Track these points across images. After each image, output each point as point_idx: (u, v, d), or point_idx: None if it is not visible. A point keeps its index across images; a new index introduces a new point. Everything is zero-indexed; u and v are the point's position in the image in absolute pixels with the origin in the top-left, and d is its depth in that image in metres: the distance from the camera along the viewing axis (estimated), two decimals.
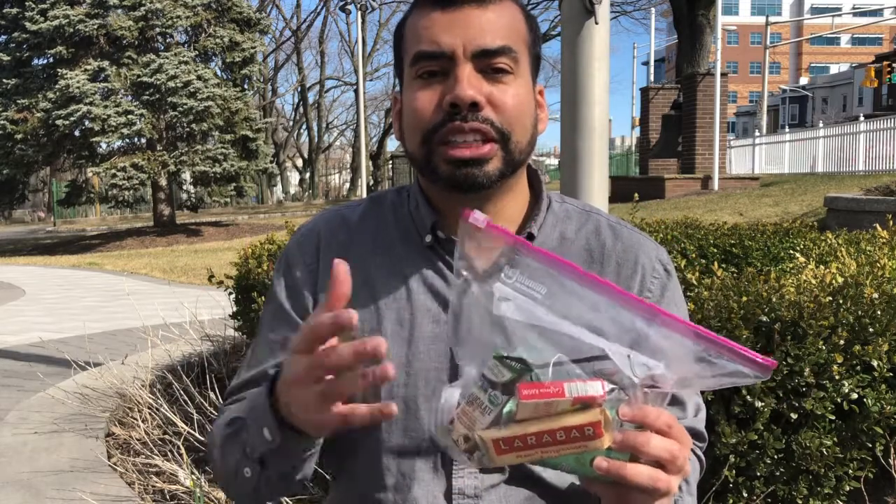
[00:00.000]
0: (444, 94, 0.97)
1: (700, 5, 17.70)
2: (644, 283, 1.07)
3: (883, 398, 2.30)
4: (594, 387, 0.72)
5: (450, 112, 0.96)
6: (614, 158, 31.05)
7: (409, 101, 1.01)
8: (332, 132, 52.85)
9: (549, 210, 1.10)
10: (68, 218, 31.68)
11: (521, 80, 1.01)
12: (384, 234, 1.09)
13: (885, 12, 53.68)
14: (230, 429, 0.98)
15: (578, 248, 1.07)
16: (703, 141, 16.13)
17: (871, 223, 4.79)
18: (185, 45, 19.88)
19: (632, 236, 1.10)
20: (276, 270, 1.14)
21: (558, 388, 0.72)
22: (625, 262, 1.07)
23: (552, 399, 0.72)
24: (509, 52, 0.98)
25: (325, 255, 1.07)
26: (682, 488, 1.01)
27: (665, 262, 1.10)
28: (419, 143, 1.00)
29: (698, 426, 1.09)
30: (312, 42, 46.52)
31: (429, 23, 0.99)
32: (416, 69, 1.00)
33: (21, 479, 3.45)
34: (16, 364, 5.69)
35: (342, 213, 1.13)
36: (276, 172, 37.42)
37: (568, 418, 0.73)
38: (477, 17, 0.98)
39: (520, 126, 1.00)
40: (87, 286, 10.95)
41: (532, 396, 0.72)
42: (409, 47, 1.02)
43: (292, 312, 1.08)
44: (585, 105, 2.98)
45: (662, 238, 3.91)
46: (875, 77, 32.83)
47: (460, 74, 0.96)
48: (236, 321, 4.32)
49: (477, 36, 0.97)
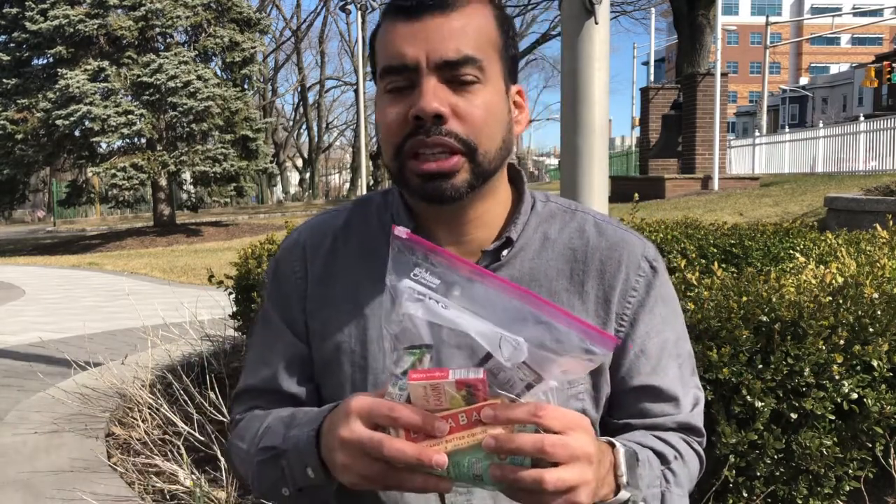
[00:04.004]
0: (411, 106, 0.96)
1: (700, 5, 17.69)
2: (628, 282, 1.06)
3: (883, 398, 2.30)
4: (476, 372, 0.78)
5: (415, 125, 0.96)
6: (614, 158, 31.04)
7: (380, 115, 1.01)
8: (332, 132, 52.89)
9: (532, 211, 1.09)
10: (68, 218, 31.69)
11: (490, 86, 0.99)
12: (369, 238, 1.10)
13: (885, 12, 53.66)
14: (266, 454, 1.00)
15: (561, 247, 1.07)
16: (703, 141, 16.13)
17: (871, 223, 4.79)
18: (185, 45, 19.87)
19: (616, 233, 1.09)
20: (265, 280, 1.17)
21: (444, 372, 0.78)
22: (609, 259, 1.06)
23: (438, 381, 0.77)
24: (473, 62, 0.97)
25: (312, 264, 1.10)
26: (668, 479, 1.01)
27: (651, 258, 1.09)
28: (391, 156, 1.01)
29: (693, 421, 1.09)
30: (312, 42, 46.56)
31: (393, 35, 0.98)
32: (385, 84, 1.00)
33: (21, 479, 3.45)
34: (16, 364, 5.69)
35: (326, 222, 1.14)
36: (276, 172, 37.41)
37: (459, 405, 0.78)
38: (439, 26, 0.97)
39: (487, 136, 0.98)
40: (87, 286, 10.95)
41: (419, 379, 0.78)
42: (378, 60, 1.02)
43: (282, 323, 1.11)
44: (585, 105, 2.98)
45: (662, 238, 3.91)
46: (875, 77, 32.81)
47: (424, 86, 0.95)
48: (236, 321, 4.32)
49: (439, 47, 0.96)
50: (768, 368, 2.26)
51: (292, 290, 1.11)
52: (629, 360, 1.06)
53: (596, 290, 1.05)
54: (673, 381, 1.07)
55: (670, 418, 1.07)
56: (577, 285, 1.05)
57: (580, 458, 0.79)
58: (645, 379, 1.06)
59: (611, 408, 1.08)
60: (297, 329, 1.10)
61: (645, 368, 1.06)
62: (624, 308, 1.05)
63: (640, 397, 1.06)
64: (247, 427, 1.09)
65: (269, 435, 1.02)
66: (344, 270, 1.09)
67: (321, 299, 1.09)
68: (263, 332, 1.15)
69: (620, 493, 0.89)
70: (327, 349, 1.07)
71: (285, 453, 0.96)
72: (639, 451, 0.96)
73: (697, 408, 1.10)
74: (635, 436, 1.03)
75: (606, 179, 3.11)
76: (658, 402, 1.06)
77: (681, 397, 1.07)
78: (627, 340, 1.06)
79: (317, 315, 1.08)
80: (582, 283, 1.05)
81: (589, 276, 1.05)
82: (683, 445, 1.07)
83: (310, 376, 1.10)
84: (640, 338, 1.06)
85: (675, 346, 1.09)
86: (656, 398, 1.06)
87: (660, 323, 1.07)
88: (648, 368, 1.06)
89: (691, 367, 1.12)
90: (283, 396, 1.10)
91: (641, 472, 0.94)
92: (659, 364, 1.06)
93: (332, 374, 1.07)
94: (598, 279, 1.05)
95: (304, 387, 1.10)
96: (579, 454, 0.79)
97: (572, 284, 1.05)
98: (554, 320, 0.79)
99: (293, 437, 0.96)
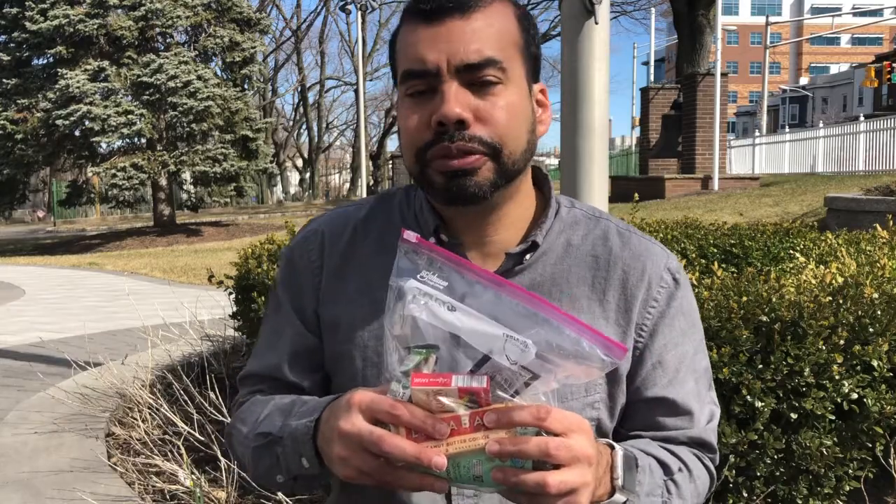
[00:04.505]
0: (433, 112, 0.95)
1: (700, 5, 17.69)
2: (650, 292, 1.05)
3: (883, 398, 2.30)
4: (480, 380, 0.77)
5: (438, 130, 0.95)
6: (614, 158, 31.02)
7: (402, 119, 1.01)
8: (332, 132, 52.91)
9: (556, 216, 1.08)
10: (68, 218, 31.70)
11: (514, 87, 0.99)
12: (389, 234, 1.08)
13: (885, 12, 53.66)
14: (262, 440, 1.00)
15: (584, 254, 1.06)
16: (703, 141, 16.13)
17: (871, 223, 4.79)
18: (185, 45, 19.88)
19: (641, 243, 1.08)
20: (279, 267, 1.16)
21: (447, 378, 0.77)
22: (632, 269, 1.05)
23: (440, 388, 0.77)
24: (495, 63, 0.96)
25: (329, 256, 1.09)
26: (670, 490, 1.00)
27: (674, 270, 1.08)
28: (413, 160, 1.00)
29: (706, 436, 1.08)
30: (312, 42, 46.55)
31: (414, 38, 0.98)
32: (405, 88, 0.99)
33: (21, 479, 3.45)
34: (16, 364, 5.69)
35: (347, 214, 1.13)
36: (276, 172, 37.44)
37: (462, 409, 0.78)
38: (460, 29, 0.96)
39: (511, 137, 0.98)
40: (87, 286, 10.95)
41: (422, 384, 0.77)
42: (399, 64, 1.01)
43: (291, 311, 1.10)
44: (585, 105, 2.98)
45: (662, 238, 3.92)
46: (875, 77, 32.82)
47: (446, 92, 0.95)
48: (236, 321, 4.32)
49: (460, 50, 0.95)
50: (768, 368, 2.26)
51: (307, 278, 1.10)
52: (646, 370, 1.05)
53: (617, 300, 1.04)
54: (689, 395, 1.06)
55: (683, 432, 1.06)
56: (599, 293, 1.04)
57: (581, 460, 0.79)
58: (660, 391, 1.05)
59: (623, 418, 1.07)
60: (307, 319, 1.09)
61: (661, 380, 1.05)
62: (644, 318, 1.04)
63: (654, 409, 1.05)
64: (248, 410, 1.08)
65: (267, 421, 1.02)
66: (361, 264, 1.08)
67: (336, 291, 1.08)
68: (273, 318, 1.14)
69: (615, 496, 0.89)
70: (340, 342, 1.06)
71: (281, 441, 0.96)
72: (640, 457, 0.95)
73: (712, 423, 1.09)
74: (640, 443, 1.02)
75: (606, 179, 3.11)
76: (672, 415, 1.05)
77: (696, 412, 1.06)
78: (645, 351, 1.05)
79: (330, 307, 1.08)
80: (603, 291, 1.04)
81: (611, 285, 1.05)
82: (693, 459, 1.05)
83: (315, 367, 1.10)
84: (658, 349, 1.05)
85: (693, 360, 1.08)
86: (670, 411, 1.05)
87: (679, 335, 1.06)
88: (665, 381, 1.05)
89: (708, 381, 1.10)
90: (287, 385, 1.10)
91: (641, 479, 0.93)
92: (676, 377, 1.05)
93: (344, 367, 1.06)
94: (619, 288, 1.04)
95: (309, 378, 1.09)
96: (580, 456, 0.79)
97: (593, 292, 1.04)
98: (564, 325, 0.79)
99: (290, 426, 0.96)
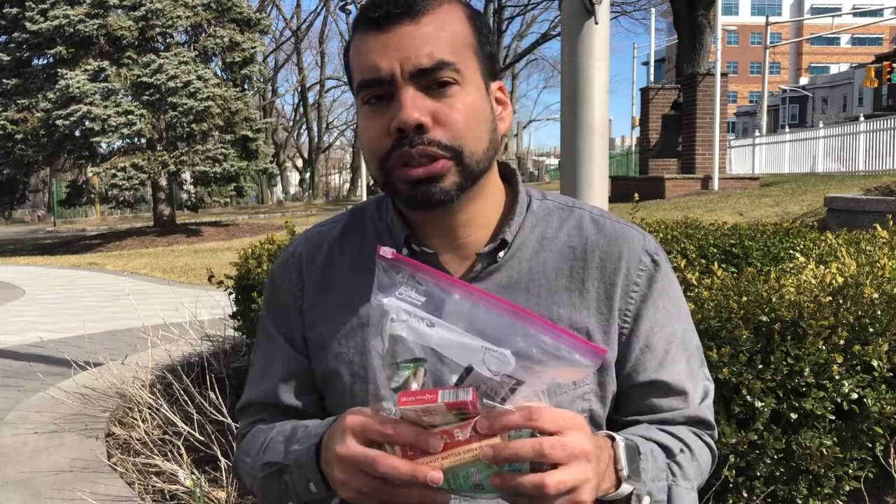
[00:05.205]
0: (391, 119, 0.95)
1: (700, 5, 17.69)
2: (630, 277, 1.05)
3: (883, 398, 2.30)
4: (466, 392, 0.76)
5: (398, 137, 0.95)
6: (614, 158, 31.03)
7: (362, 129, 1.01)
8: (332, 132, 52.94)
9: (528, 210, 1.08)
10: (68, 218, 31.70)
11: (470, 87, 0.98)
12: (365, 249, 1.09)
13: (885, 12, 53.65)
14: (269, 469, 1.01)
15: (559, 245, 1.06)
16: (703, 141, 16.13)
17: (871, 223, 4.79)
18: (185, 46, 19.88)
19: (616, 228, 1.08)
20: (264, 294, 1.18)
21: (433, 395, 0.76)
22: (609, 255, 1.05)
23: (427, 405, 0.76)
24: (448, 65, 0.96)
25: (309, 275, 1.10)
26: (674, 472, 1.00)
27: (652, 251, 1.07)
28: (377, 169, 1.00)
29: (702, 414, 1.08)
30: (312, 42, 46.60)
31: (366, 47, 0.98)
32: (362, 97, 0.99)
33: (21, 479, 3.45)
34: (16, 364, 5.68)
35: (322, 233, 1.14)
36: (276, 172, 37.44)
37: (452, 422, 0.78)
38: (410, 34, 0.95)
39: (472, 137, 0.98)
40: (87, 286, 10.95)
41: (409, 403, 0.77)
42: (354, 74, 1.01)
43: (280, 337, 1.12)
44: (585, 105, 2.98)
45: (662, 238, 3.91)
46: (875, 77, 32.81)
47: (403, 98, 0.95)
48: (236, 321, 4.33)
49: (412, 55, 0.95)
50: (768, 368, 2.26)
51: (290, 302, 1.11)
52: (635, 355, 1.05)
53: (597, 288, 1.04)
54: (681, 374, 1.06)
55: (679, 412, 1.06)
56: (578, 283, 1.04)
57: (578, 456, 0.79)
58: (651, 374, 1.05)
59: (618, 405, 1.07)
60: (295, 341, 1.11)
61: (651, 364, 1.05)
62: (626, 304, 1.04)
63: (648, 393, 1.05)
64: (251, 441, 1.09)
65: (271, 450, 1.02)
66: (340, 281, 1.09)
67: (318, 310, 1.09)
68: (263, 346, 1.15)
69: (622, 487, 0.89)
70: (327, 360, 1.07)
71: (287, 468, 0.97)
72: (641, 444, 0.95)
73: (707, 400, 1.09)
74: (639, 429, 1.02)
75: (606, 179, 3.11)
76: (666, 396, 1.05)
77: (690, 391, 1.06)
78: (632, 336, 1.05)
79: (315, 327, 1.09)
80: (582, 280, 1.04)
81: (589, 274, 1.04)
82: (692, 438, 1.06)
83: (310, 388, 1.10)
84: (645, 333, 1.05)
85: (683, 339, 1.08)
86: (664, 393, 1.05)
87: (664, 317, 1.06)
88: (655, 363, 1.05)
89: (700, 358, 1.10)
90: (285, 409, 1.10)
91: (644, 466, 0.93)
92: (666, 358, 1.05)
93: (333, 384, 1.07)
94: (598, 276, 1.04)
95: (305, 399, 1.10)
96: (577, 453, 0.79)
97: (572, 283, 1.04)
98: (541, 332, 0.78)
99: (294, 453, 0.96)
